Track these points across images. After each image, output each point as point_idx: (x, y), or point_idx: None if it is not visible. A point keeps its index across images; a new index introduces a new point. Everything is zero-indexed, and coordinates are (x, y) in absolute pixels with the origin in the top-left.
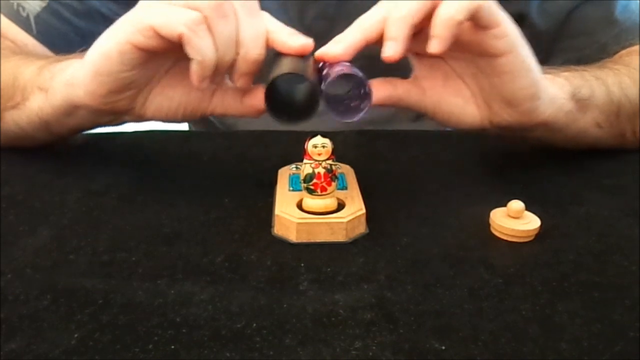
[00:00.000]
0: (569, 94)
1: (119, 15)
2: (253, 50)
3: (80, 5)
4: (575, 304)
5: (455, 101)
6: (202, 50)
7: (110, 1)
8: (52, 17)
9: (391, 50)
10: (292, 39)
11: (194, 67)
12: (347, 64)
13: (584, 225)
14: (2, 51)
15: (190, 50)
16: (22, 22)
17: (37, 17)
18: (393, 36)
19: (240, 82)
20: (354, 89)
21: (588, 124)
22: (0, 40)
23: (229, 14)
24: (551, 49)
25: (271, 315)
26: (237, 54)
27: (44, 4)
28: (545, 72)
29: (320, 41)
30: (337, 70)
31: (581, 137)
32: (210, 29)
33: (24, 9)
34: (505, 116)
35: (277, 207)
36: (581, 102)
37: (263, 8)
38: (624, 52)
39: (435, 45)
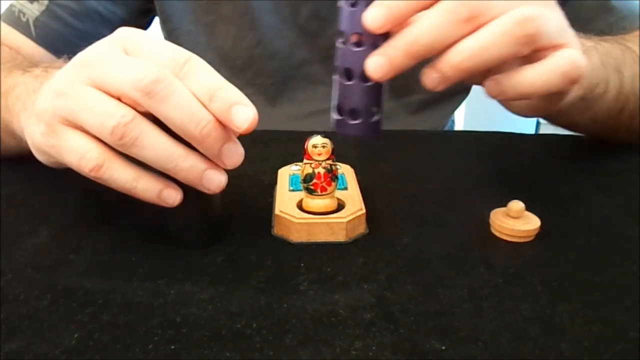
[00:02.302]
0: (585, 89)
1: (117, 15)
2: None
3: (78, 7)
4: (575, 304)
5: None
6: (116, 184)
7: (108, 1)
8: (51, 20)
9: (431, 83)
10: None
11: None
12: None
13: (584, 225)
14: (2, 59)
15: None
16: (22, 26)
17: (36, 20)
18: (441, 71)
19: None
20: None
21: (585, 118)
22: (0, 48)
23: (133, 133)
24: None
25: (271, 315)
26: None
27: (42, 8)
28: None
29: (314, 41)
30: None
31: (570, 126)
32: (113, 163)
33: (24, 14)
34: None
35: (277, 207)
36: (589, 102)
37: (256, 8)
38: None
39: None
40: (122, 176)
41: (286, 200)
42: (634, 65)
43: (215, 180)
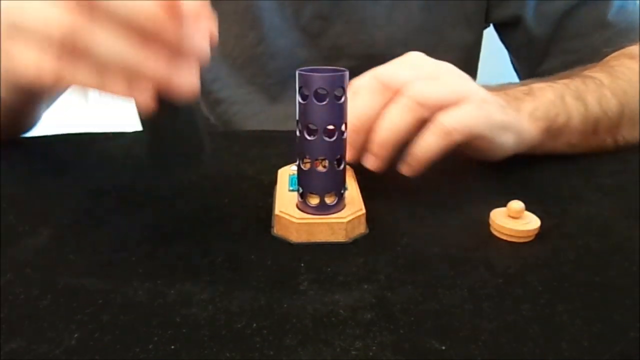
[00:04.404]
0: (543, 128)
1: None
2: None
3: None
4: (575, 304)
5: None
6: (81, 83)
7: None
8: None
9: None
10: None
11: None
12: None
13: (584, 225)
14: None
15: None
16: None
17: None
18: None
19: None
20: None
21: (559, 146)
22: None
23: (85, 38)
24: (547, 50)
25: (271, 315)
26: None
27: None
28: (524, 99)
29: (316, 41)
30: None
31: (551, 153)
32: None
33: None
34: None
35: (277, 207)
36: (554, 132)
37: (258, 7)
38: (610, 57)
39: (405, 171)
40: (84, 74)
41: (286, 200)
42: (598, 89)
43: (187, 78)
